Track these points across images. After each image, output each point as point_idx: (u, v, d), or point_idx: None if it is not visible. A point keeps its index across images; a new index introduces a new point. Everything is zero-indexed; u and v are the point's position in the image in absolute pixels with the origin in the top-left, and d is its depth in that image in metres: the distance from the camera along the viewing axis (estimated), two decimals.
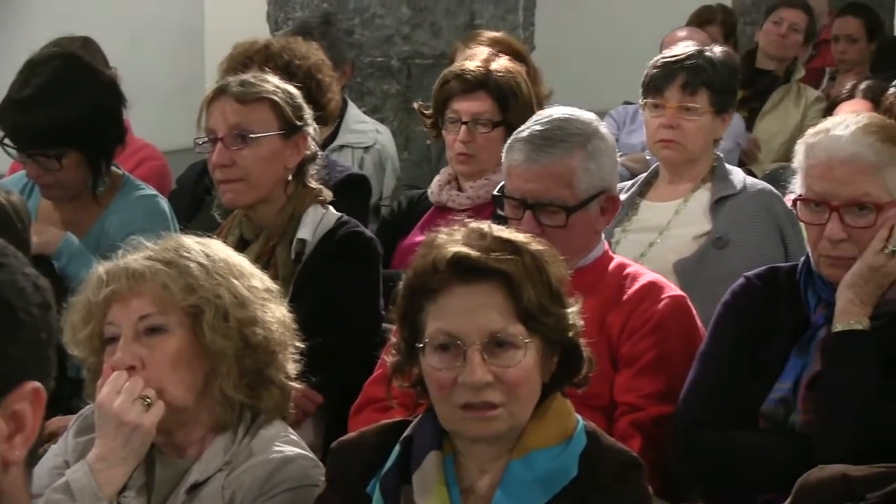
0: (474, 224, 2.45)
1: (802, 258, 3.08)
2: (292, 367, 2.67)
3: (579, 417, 2.46)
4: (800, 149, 3.03)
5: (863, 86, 4.96)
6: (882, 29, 7.64)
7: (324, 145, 4.20)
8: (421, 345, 2.40)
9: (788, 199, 3.35)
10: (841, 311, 2.92)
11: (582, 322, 2.45)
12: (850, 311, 2.91)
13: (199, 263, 2.60)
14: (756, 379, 2.98)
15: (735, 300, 3.08)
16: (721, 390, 2.98)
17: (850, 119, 3.02)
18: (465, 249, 2.38)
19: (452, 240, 2.41)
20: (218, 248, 2.68)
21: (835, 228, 2.94)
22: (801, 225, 3.12)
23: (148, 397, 2.53)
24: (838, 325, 2.92)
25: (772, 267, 3.14)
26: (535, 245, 2.43)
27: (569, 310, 2.43)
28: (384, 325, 3.53)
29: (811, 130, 3.06)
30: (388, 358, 2.52)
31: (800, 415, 2.93)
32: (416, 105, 4.59)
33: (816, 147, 2.98)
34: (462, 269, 2.37)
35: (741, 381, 2.98)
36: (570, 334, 2.43)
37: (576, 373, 2.46)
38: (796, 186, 3.03)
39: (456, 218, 2.53)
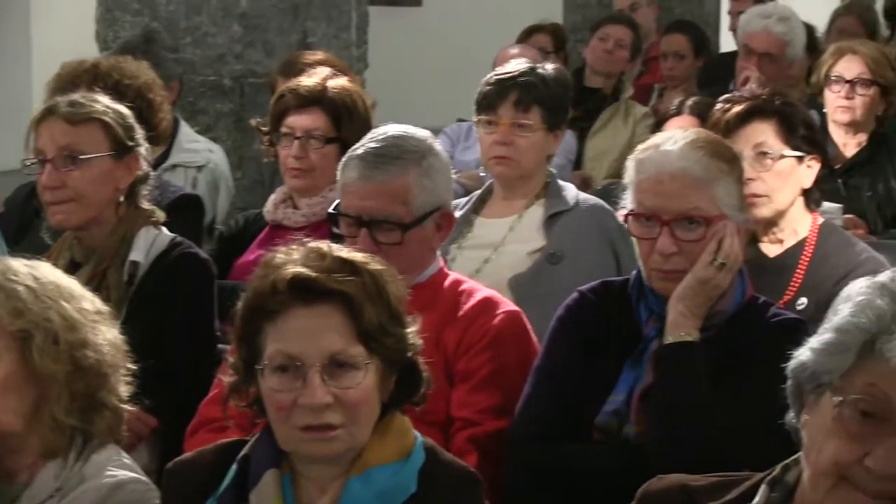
0: (313, 244, 2.44)
1: (634, 272, 3.13)
2: (125, 390, 2.62)
3: (417, 434, 2.46)
4: (630, 164, 3.08)
5: (690, 102, 5.06)
6: (708, 46, 7.81)
7: (156, 165, 4.14)
8: (260, 366, 2.37)
9: (620, 215, 3.41)
10: (672, 324, 2.97)
11: (420, 341, 2.46)
12: (681, 324, 2.97)
13: (28, 286, 2.55)
14: (590, 392, 3.01)
15: (569, 314, 3.12)
16: (555, 404, 3.01)
17: (678, 135, 3.09)
18: (304, 270, 2.36)
19: (291, 260, 2.39)
20: (47, 271, 2.63)
21: (665, 242, 2.99)
22: (633, 239, 3.17)
23: None
24: (669, 338, 2.97)
25: (604, 281, 3.19)
26: (375, 265, 2.42)
27: (408, 329, 2.43)
28: (220, 345, 3.50)
29: (641, 146, 3.11)
30: (225, 378, 2.49)
31: (633, 426, 2.97)
32: (253, 122, 4.55)
33: (646, 162, 3.04)
34: (302, 291, 2.35)
35: (575, 394, 3.01)
36: (409, 354, 2.44)
37: (414, 392, 2.47)
38: (627, 202, 3.08)
39: (294, 237, 2.52)
